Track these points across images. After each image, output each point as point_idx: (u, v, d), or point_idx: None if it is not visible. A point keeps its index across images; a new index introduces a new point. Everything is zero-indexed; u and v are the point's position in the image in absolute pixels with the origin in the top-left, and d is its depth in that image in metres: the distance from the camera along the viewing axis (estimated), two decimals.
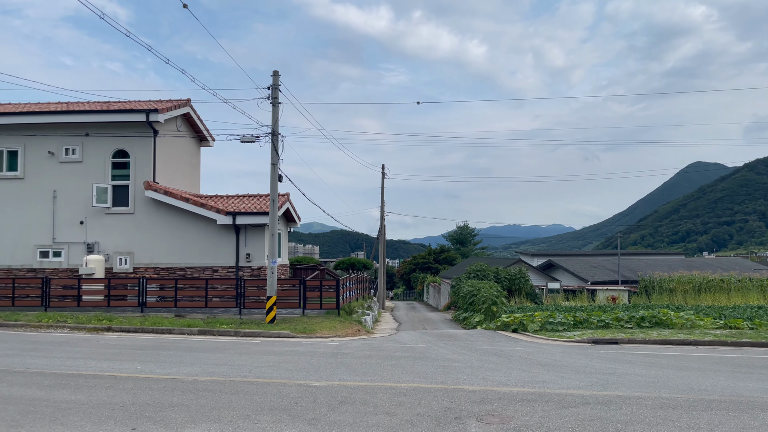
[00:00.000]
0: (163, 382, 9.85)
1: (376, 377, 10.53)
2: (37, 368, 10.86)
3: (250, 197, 23.60)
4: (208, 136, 27.45)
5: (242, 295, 19.54)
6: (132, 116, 22.00)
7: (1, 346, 13.29)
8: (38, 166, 22.41)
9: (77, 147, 22.42)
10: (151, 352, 12.79)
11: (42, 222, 22.17)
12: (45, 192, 22.30)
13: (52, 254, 22.13)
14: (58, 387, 9.41)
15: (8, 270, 22.04)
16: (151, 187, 21.85)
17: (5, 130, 22.42)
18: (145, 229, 22.15)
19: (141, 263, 22.05)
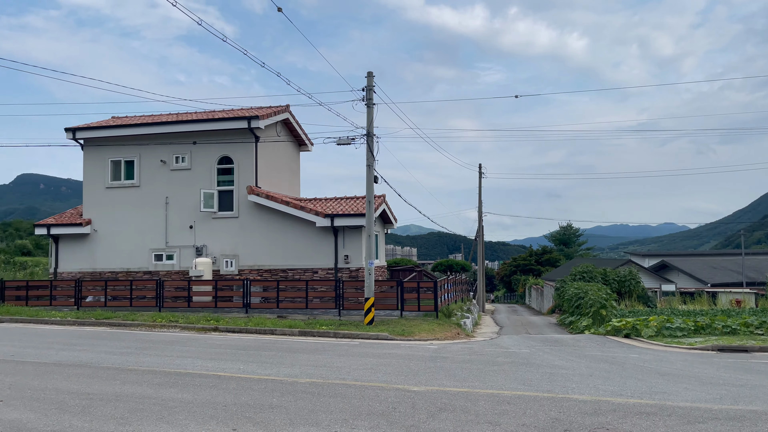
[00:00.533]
0: (264, 383, 9.92)
1: (477, 383, 10.05)
2: (149, 366, 11.32)
3: (348, 199, 23.79)
4: (307, 140, 28.02)
5: (341, 297, 19.65)
6: (234, 123, 22.84)
7: (119, 344, 14.07)
8: (152, 175, 23.81)
9: (186, 155, 23.59)
10: (254, 353, 13.02)
11: (156, 227, 23.52)
12: (158, 198, 23.65)
13: (165, 257, 23.42)
14: (167, 385, 9.72)
15: (127, 272, 23.57)
16: (253, 191, 22.55)
17: (123, 142, 24.03)
18: (249, 232, 22.90)
19: (245, 265, 22.82)
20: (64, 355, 12.36)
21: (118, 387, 9.55)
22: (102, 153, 24.29)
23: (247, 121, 22.59)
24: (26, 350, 12.96)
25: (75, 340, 14.66)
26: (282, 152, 26.22)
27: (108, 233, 23.96)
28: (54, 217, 25.13)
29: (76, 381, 9.96)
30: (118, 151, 24.11)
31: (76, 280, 21.59)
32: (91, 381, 9.98)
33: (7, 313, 18.78)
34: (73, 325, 17.61)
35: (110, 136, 24.01)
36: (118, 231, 23.86)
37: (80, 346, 13.60)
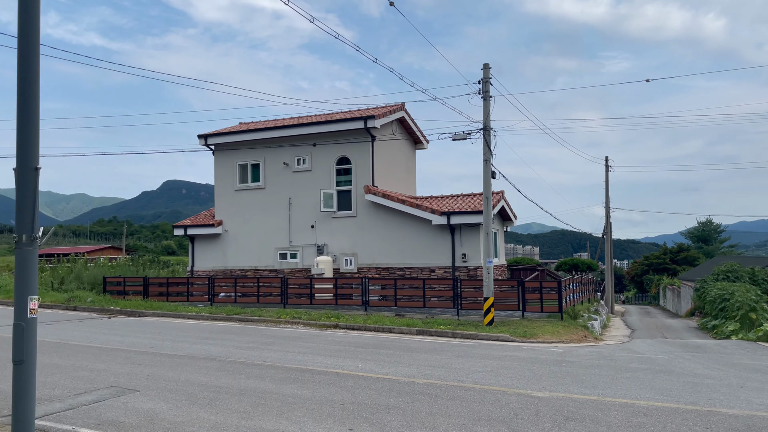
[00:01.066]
0: (381, 382, 9.82)
1: (607, 391, 9.28)
2: (272, 361, 11.65)
3: (464, 197, 23.33)
4: (422, 138, 27.87)
5: (459, 296, 19.26)
6: (351, 124, 23.20)
7: (246, 339, 14.69)
8: (275, 177, 24.82)
9: (307, 156, 24.34)
10: (372, 351, 13.02)
11: (280, 227, 24.49)
12: (282, 199, 24.61)
13: (290, 256, 24.31)
14: (287, 381, 9.91)
15: (255, 270, 24.76)
16: (370, 190, 22.77)
17: (250, 146, 25.27)
18: (367, 231, 23.16)
19: (364, 264, 23.10)
20: (197, 349, 13.07)
21: (243, 381, 9.88)
22: (230, 157, 25.71)
23: (363, 121, 22.85)
24: (164, 343, 13.88)
25: (207, 334, 15.52)
26: (398, 151, 26.28)
27: (237, 233, 25.31)
28: (190, 219, 26.99)
29: (205, 374, 10.45)
30: (245, 154, 25.40)
31: (209, 278, 23.02)
32: (219, 374, 10.42)
33: (150, 308, 20.37)
34: (206, 320, 18.72)
35: (237, 141, 25.35)
36: (246, 231, 25.13)
37: (211, 340, 14.35)
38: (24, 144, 6.09)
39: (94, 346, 13.35)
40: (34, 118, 6.17)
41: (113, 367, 10.98)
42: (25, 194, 6.04)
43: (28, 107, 6.13)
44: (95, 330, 15.97)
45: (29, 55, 6.12)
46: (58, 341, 13.95)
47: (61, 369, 10.75)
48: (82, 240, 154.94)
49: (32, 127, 6.15)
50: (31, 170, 6.07)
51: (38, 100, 6.23)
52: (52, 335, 14.86)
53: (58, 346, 13.29)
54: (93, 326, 16.81)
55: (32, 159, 6.11)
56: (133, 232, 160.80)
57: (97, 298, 22.32)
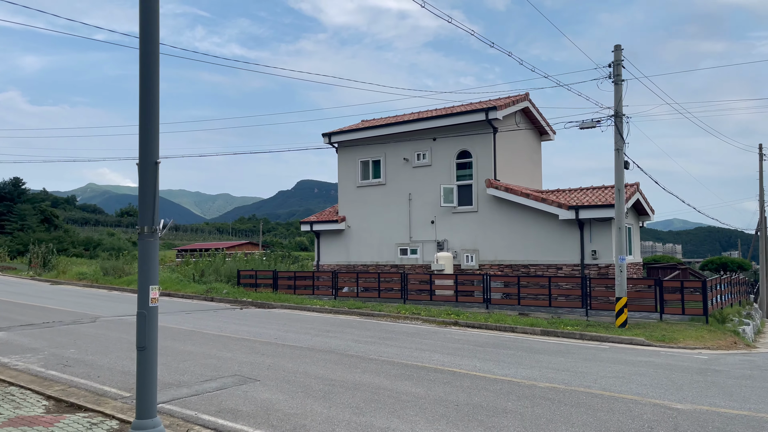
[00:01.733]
0: (500, 384, 9.32)
1: (763, 406, 8.10)
2: (388, 357, 11.53)
3: (594, 190, 21.87)
4: (548, 128, 26.60)
5: (588, 295, 18.05)
6: (472, 117, 22.62)
7: (365, 333, 14.75)
8: (396, 172, 24.87)
9: (426, 151, 24.13)
10: (492, 350, 12.50)
11: (400, 222, 24.51)
12: (402, 195, 24.61)
13: (410, 251, 24.25)
14: (402, 378, 9.72)
15: (376, 265, 24.99)
16: (492, 184, 22.07)
17: (371, 142, 25.55)
18: (488, 226, 22.49)
19: (485, 260, 22.45)
20: (317, 341, 13.30)
21: (358, 375, 9.82)
22: (353, 154, 26.17)
23: (484, 113, 22.20)
24: (287, 334, 14.30)
25: (328, 327, 15.81)
26: (521, 143, 25.28)
27: (359, 229, 25.72)
28: (315, 215, 27.87)
29: (323, 366, 10.55)
30: (366, 151, 25.72)
31: (333, 272, 23.58)
32: (336, 367, 10.47)
33: (278, 300, 21.23)
34: (329, 313, 19.13)
35: (359, 138, 25.73)
36: (368, 226, 25.45)
37: (332, 333, 14.56)
38: (145, 140, 6.37)
39: (223, 335, 14.04)
40: (154, 116, 6.44)
41: (238, 356, 11.43)
42: (147, 187, 6.31)
43: (149, 107, 6.41)
44: (227, 320, 16.86)
45: (149, 62, 6.39)
46: (193, 329, 14.86)
47: (193, 356, 11.37)
48: (225, 236, 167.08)
49: (152, 125, 6.43)
50: (152, 164, 6.34)
51: (158, 101, 6.49)
52: (189, 324, 15.87)
53: (192, 334, 14.14)
54: (225, 316, 17.79)
55: (153, 154, 6.38)
56: (269, 229, 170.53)
57: (231, 290, 23.69)
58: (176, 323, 15.98)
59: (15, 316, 16.82)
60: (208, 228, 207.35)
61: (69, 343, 12.59)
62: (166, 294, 24.21)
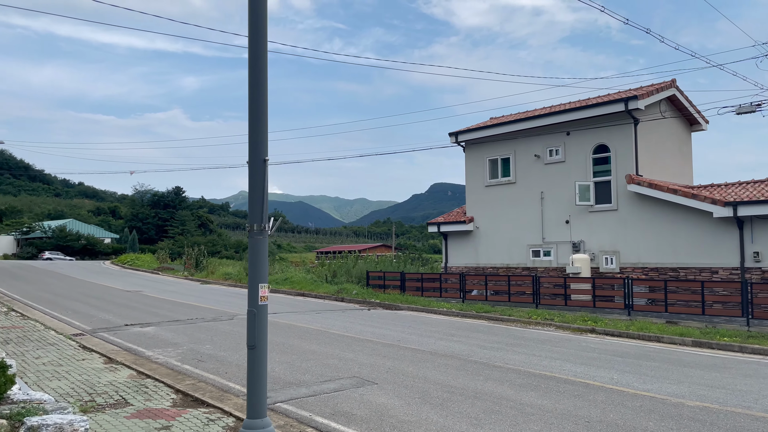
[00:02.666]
0: (640, 400, 8.30)
1: None
2: (514, 365, 10.82)
3: (755, 183, 19.27)
4: (700, 118, 24.03)
5: (750, 303, 15.88)
6: (609, 108, 20.98)
7: (491, 338, 14.08)
8: (526, 170, 23.77)
9: (559, 147, 22.79)
10: (632, 362, 11.31)
11: (532, 222, 23.36)
12: (533, 194, 23.45)
13: (543, 253, 23.03)
14: (528, 388, 9.01)
15: (507, 268, 24.04)
16: (633, 180, 20.28)
17: (499, 140, 24.67)
18: (630, 225, 20.69)
19: (627, 263, 20.67)
20: (440, 345, 12.88)
21: (480, 383, 9.27)
22: (480, 153, 25.43)
23: (623, 103, 20.47)
24: (411, 337, 14.03)
25: (454, 331, 15.32)
26: (667, 134, 23.03)
27: (488, 230, 24.91)
28: (443, 216, 27.48)
29: (443, 372, 10.11)
30: (494, 149, 24.87)
31: (460, 274, 23.02)
32: (457, 374, 9.98)
33: (406, 302, 21.10)
34: (456, 317, 18.62)
35: (487, 136, 24.94)
36: (497, 227, 24.56)
37: (456, 337, 14.07)
38: (254, 139, 6.36)
39: (348, 335, 14.09)
40: (262, 115, 6.43)
41: (360, 357, 11.33)
42: (256, 185, 6.29)
43: (258, 106, 6.41)
44: (353, 321, 16.98)
45: (257, 62, 6.39)
46: (320, 329, 15.09)
47: (316, 355, 11.45)
48: (361, 239, 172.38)
49: (261, 124, 6.41)
50: (260, 162, 6.31)
51: (266, 101, 6.48)
52: (317, 323, 16.18)
53: (319, 333, 14.35)
54: (353, 317, 17.95)
55: (261, 152, 6.35)
56: (403, 232, 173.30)
57: (360, 291, 24.00)
58: (306, 322, 16.36)
59: (165, 313, 18.19)
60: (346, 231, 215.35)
61: (206, 339, 13.27)
62: (300, 294, 25.08)
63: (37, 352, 11.27)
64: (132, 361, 10.85)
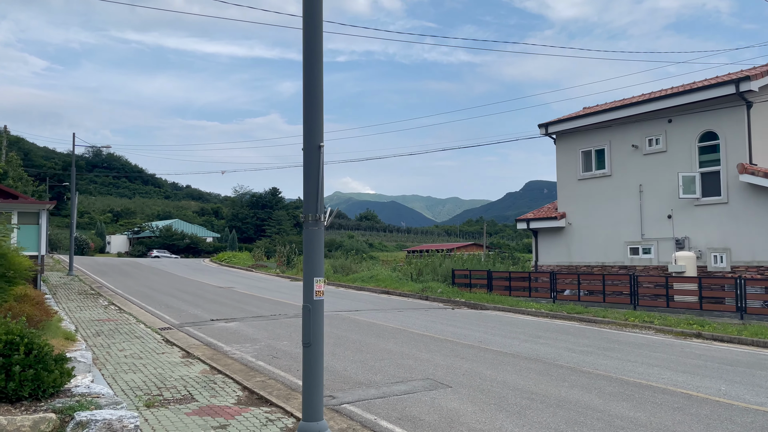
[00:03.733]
0: (752, 415, 7.21)
1: None
2: (605, 370, 9.86)
3: None
4: None
5: None
6: (717, 91, 19.03)
7: (581, 342, 13.06)
8: (623, 161, 22.14)
9: (660, 136, 21.02)
10: (745, 371, 10.01)
11: (630, 218, 21.71)
12: (630, 187, 21.79)
13: (641, 251, 21.34)
14: (619, 397, 8.10)
15: (602, 267, 22.51)
16: (746, 169, 18.28)
17: (593, 130, 23.16)
18: (742, 220, 18.67)
19: (740, 261, 18.67)
20: (524, 347, 12.07)
21: (564, 390, 8.46)
22: (572, 144, 24.00)
23: (734, 85, 18.51)
24: (493, 338, 13.29)
25: (540, 332, 14.39)
26: None
27: (581, 226, 23.45)
28: (533, 212, 26.25)
29: (525, 376, 9.36)
30: (587, 140, 23.37)
31: (550, 273, 21.80)
32: (540, 378, 9.20)
33: (492, 301, 20.25)
34: (545, 318, 17.58)
35: (580, 126, 23.48)
36: (591, 223, 23.06)
37: (543, 339, 13.17)
38: (309, 124, 6.03)
39: (427, 335, 13.56)
40: (317, 98, 6.11)
41: (436, 358, 10.79)
42: (311, 173, 5.95)
43: (313, 91, 6.09)
44: (435, 320, 16.43)
45: (312, 44, 6.10)
46: (399, 327, 14.67)
47: (391, 355, 11.03)
48: (453, 238, 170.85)
49: (316, 108, 6.09)
50: (315, 148, 5.97)
51: (321, 84, 6.20)
52: (397, 322, 15.77)
53: (398, 332, 13.92)
54: (435, 316, 17.39)
55: (316, 137, 6.02)
56: (497, 231, 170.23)
57: (446, 290, 23.37)
58: (385, 320, 16.00)
59: (251, 309, 18.47)
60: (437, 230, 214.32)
61: (285, 335, 13.22)
62: (385, 292, 24.82)
63: (123, 344, 11.62)
64: (209, 356, 10.92)
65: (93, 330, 13.38)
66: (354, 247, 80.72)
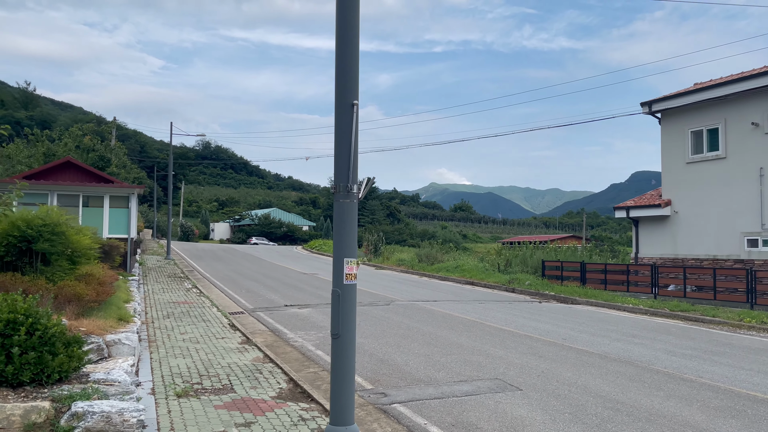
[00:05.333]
0: None
1: None
2: (711, 379, 8.34)
3: None
4: None
5: None
6: None
7: (685, 344, 11.38)
8: (740, 142, 19.55)
9: None
10: None
11: (747, 205, 19.14)
12: (749, 170, 19.18)
13: (762, 243, 18.73)
14: (727, 413, 6.68)
15: (714, 260, 20.08)
16: None
17: (704, 107, 20.65)
18: None
19: None
20: (615, 347, 10.65)
21: (658, 401, 7.13)
22: (680, 124, 21.56)
23: None
24: (580, 335, 11.91)
25: (636, 331, 12.78)
26: None
27: (689, 214, 21.04)
28: (633, 200, 23.97)
29: (611, 381, 8.07)
30: (698, 119, 20.88)
31: (652, 266, 19.69)
32: (629, 385, 7.88)
33: (585, 296, 18.58)
34: (644, 315, 15.77)
35: (689, 104, 20.99)
36: (701, 212, 20.61)
37: (638, 339, 11.63)
38: (342, 80, 5.21)
39: (506, 329, 12.40)
40: (352, 52, 5.29)
41: (511, 355, 9.67)
42: (342, 136, 5.12)
43: (347, 43, 5.27)
44: (517, 313, 15.16)
45: None
46: (476, 320, 13.59)
47: (460, 350, 10.04)
48: (551, 230, 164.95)
49: (351, 61, 5.25)
50: (348, 106, 5.12)
51: (357, 36, 5.33)
52: (475, 314, 14.68)
53: (473, 325, 12.87)
54: (518, 309, 16.09)
55: (350, 94, 5.18)
56: (599, 223, 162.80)
57: (534, 282, 21.84)
58: (463, 312, 14.95)
59: (328, 295, 18.03)
60: (535, 222, 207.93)
61: None
62: (469, 282, 23.66)
63: (188, 327, 11.40)
64: (269, 343, 10.45)
65: (165, 312, 13.37)
66: (447, 238, 79.57)
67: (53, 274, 8.85)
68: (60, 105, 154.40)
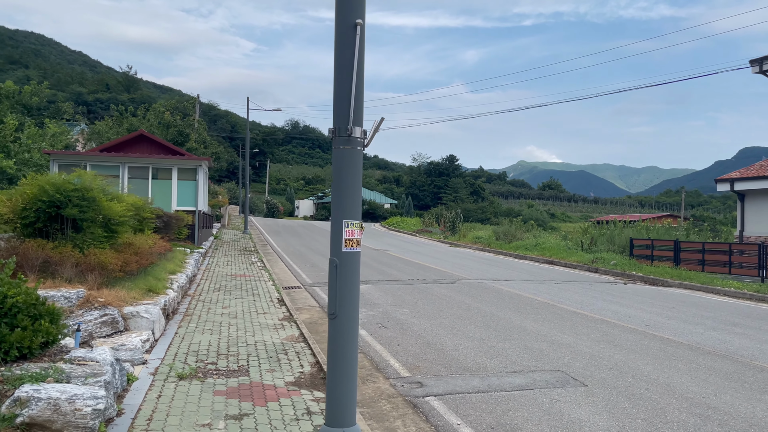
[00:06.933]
0: None
1: None
2: None
3: None
4: None
5: None
6: None
7: None
8: None
9: None
10: None
11: None
12: None
13: None
14: None
15: None
16: None
17: None
18: None
19: None
20: (709, 337, 9.02)
21: (762, 407, 5.67)
22: None
23: None
24: (668, 322, 10.29)
25: (738, 319, 10.95)
26: None
27: None
28: (739, 171, 21.24)
29: (702, 380, 6.62)
30: None
31: (759, 245, 17.27)
32: (725, 385, 6.42)
33: (678, 277, 16.56)
34: (748, 300, 13.70)
35: None
36: None
37: (740, 328, 9.88)
38: None
39: (580, 313, 10.98)
40: None
41: (580, 343, 8.34)
42: (343, 65, 4.04)
43: None
44: (597, 295, 13.58)
45: None
46: (547, 302, 12.21)
47: (522, 334, 8.81)
48: (646, 209, 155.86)
49: None
50: (350, 27, 4.04)
51: None
52: (547, 295, 13.26)
53: (543, 307, 11.52)
54: (599, 291, 14.47)
55: (353, 11, 4.07)
56: (701, 203, 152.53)
57: (621, 261, 19.87)
58: (534, 293, 13.57)
59: (392, 271, 17.15)
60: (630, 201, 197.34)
61: (409, 302, 11.59)
62: (549, 261, 21.98)
63: (233, 301, 10.84)
64: (312, 320, 9.71)
65: (217, 285, 12.94)
66: (533, 217, 76.63)
67: (83, 241, 8.42)
68: (161, 88, 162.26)
